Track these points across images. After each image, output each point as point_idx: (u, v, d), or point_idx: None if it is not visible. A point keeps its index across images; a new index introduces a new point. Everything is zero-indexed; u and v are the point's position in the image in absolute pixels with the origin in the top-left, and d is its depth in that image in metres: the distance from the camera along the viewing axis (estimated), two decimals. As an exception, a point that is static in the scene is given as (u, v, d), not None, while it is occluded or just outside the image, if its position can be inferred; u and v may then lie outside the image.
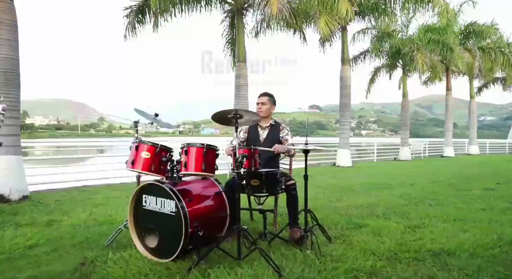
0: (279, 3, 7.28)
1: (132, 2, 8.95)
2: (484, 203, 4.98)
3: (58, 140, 45.79)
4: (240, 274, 2.35)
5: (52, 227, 3.85)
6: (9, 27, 5.63)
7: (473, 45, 17.44)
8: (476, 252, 2.82)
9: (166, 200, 2.69)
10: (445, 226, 3.66)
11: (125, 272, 2.44)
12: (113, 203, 5.34)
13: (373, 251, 2.86)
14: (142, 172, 2.95)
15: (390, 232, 3.44)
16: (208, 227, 2.79)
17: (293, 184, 3.23)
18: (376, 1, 12.04)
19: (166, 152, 2.96)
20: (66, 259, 2.79)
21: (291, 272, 2.40)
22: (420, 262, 2.65)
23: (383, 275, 2.39)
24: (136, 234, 2.89)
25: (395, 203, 5.03)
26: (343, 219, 3.97)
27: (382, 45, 15.65)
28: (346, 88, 12.61)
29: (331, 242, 3.10)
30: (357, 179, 8.11)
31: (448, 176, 8.56)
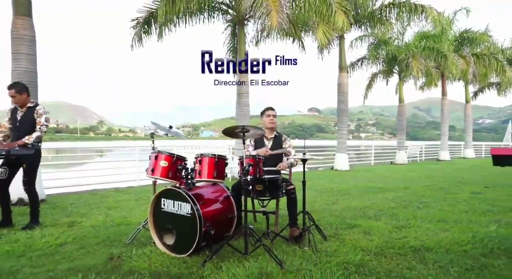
0: (278, 16, 7.70)
1: (139, 14, 9.38)
2: (468, 205, 5.40)
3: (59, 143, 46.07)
4: (247, 267, 2.76)
5: (74, 228, 4.25)
6: (29, 43, 6.07)
7: (468, 52, 17.90)
8: (451, 248, 3.24)
9: (183, 203, 3.10)
10: (428, 226, 4.08)
11: (149, 265, 2.86)
12: (125, 206, 5.75)
13: (362, 248, 3.27)
14: (160, 178, 3.36)
15: (379, 231, 3.86)
16: (218, 226, 3.20)
17: (293, 189, 3.65)
18: (372, 11, 12.52)
19: (181, 160, 3.38)
20: (94, 254, 3.20)
21: (291, 265, 2.81)
22: (402, 256, 3.07)
23: (369, 267, 2.80)
24: (155, 233, 3.30)
25: (387, 206, 5.44)
26: (337, 220, 4.39)
27: (378, 52, 16.15)
28: (344, 95, 13.07)
29: (326, 240, 3.51)
30: (353, 183, 8.53)
31: (440, 180, 8.98)
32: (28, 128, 4.26)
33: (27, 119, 4.34)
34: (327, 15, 8.68)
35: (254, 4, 7.90)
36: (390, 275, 2.64)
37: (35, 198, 4.42)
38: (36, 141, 4.23)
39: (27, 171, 4.31)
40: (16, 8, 6.02)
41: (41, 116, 4.34)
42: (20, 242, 3.60)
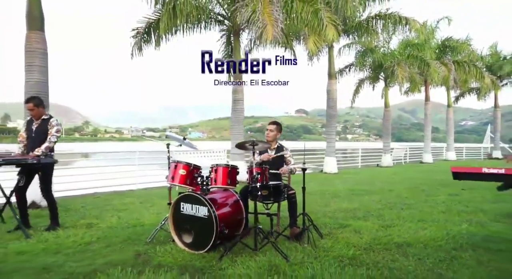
0: (274, 30, 8.23)
1: (139, 24, 9.79)
2: (445, 206, 6.03)
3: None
4: (258, 260, 3.27)
5: (93, 229, 4.69)
6: (41, 56, 6.46)
7: (449, 59, 18.80)
8: (428, 243, 3.82)
9: (200, 207, 3.59)
10: (410, 225, 4.66)
11: (174, 259, 3.34)
12: (134, 209, 6.19)
13: (354, 244, 3.81)
14: (180, 185, 3.85)
15: (368, 230, 4.42)
16: (230, 226, 3.71)
17: (293, 193, 4.17)
18: (359, 21, 13.20)
19: (197, 169, 3.88)
20: (122, 251, 3.66)
21: (295, 259, 3.34)
22: (387, 251, 3.63)
23: (360, 259, 3.35)
24: (175, 232, 3.78)
25: (374, 207, 6.03)
26: (331, 221, 4.94)
27: (365, 60, 16.85)
28: (333, 101, 13.71)
29: (322, 238, 4.05)
30: (342, 186, 9.11)
31: (422, 183, 9.66)
32: (42, 139, 4.64)
33: (41, 131, 4.70)
34: (318, 29, 9.24)
35: (250, 19, 8.41)
36: (378, 266, 3.18)
37: (53, 202, 4.82)
38: (46, 151, 4.61)
39: (42, 178, 4.68)
40: (30, 24, 6.41)
41: (52, 128, 4.73)
42: (50, 241, 4.03)
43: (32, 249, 3.73)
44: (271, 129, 4.47)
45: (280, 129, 4.56)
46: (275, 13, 8.42)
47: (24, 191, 4.72)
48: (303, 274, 2.97)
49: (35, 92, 6.32)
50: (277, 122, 4.57)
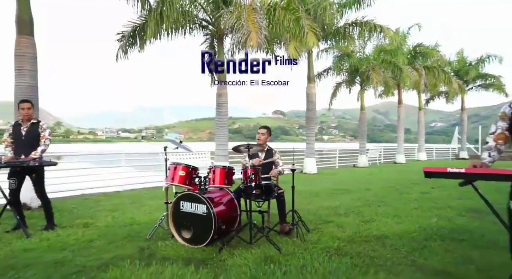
0: (258, 37, 8.61)
1: (124, 28, 9.92)
2: (417, 203, 6.57)
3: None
4: (254, 252, 3.62)
5: (91, 228, 4.90)
6: (31, 60, 6.57)
7: (420, 65, 19.80)
8: (403, 236, 4.29)
9: (199, 205, 3.90)
10: (387, 220, 5.13)
11: (177, 253, 3.65)
12: (125, 209, 6.39)
13: (338, 237, 4.23)
14: (179, 185, 4.14)
15: (349, 225, 4.86)
16: (227, 223, 4.04)
17: (282, 192, 4.55)
18: (337, 28, 13.79)
19: (195, 170, 4.19)
20: (125, 247, 3.92)
21: (286, 250, 3.71)
22: (367, 242, 4.06)
23: (344, 250, 3.76)
24: (175, 229, 4.07)
25: (353, 205, 6.49)
26: (315, 217, 5.35)
27: (342, 64, 17.55)
28: (312, 104, 14.24)
29: (309, 232, 4.44)
30: (322, 185, 9.59)
31: (396, 182, 10.27)
32: (35, 143, 4.79)
33: (33, 134, 4.82)
34: (300, 36, 9.69)
35: (235, 26, 8.75)
36: (360, 255, 3.60)
37: (48, 202, 4.98)
38: (42, 154, 4.80)
39: (36, 180, 4.84)
40: (20, 28, 6.50)
41: (45, 131, 4.90)
42: (52, 239, 4.22)
43: (37, 246, 3.93)
44: (262, 133, 4.84)
45: (270, 133, 4.94)
46: (259, 21, 8.80)
47: (17, 193, 4.83)
48: (295, 263, 3.34)
49: (26, 96, 6.40)
50: (267, 127, 4.96)
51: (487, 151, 2.60)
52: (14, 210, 4.60)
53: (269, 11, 9.81)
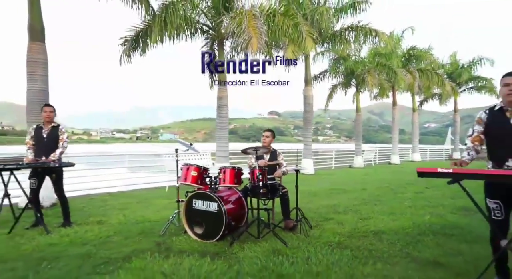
0: (258, 42, 8.94)
1: (127, 33, 10.21)
2: (412, 202, 6.93)
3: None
4: (262, 246, 3.94)
5: (105, 225, 5.19)
6: (43, 65, 6.85)
7: (414, 68, 20.26)
8: (398, 231, 4.64)
9: (211, 203, 4.22)
10: (383, 218, 5.48)
11: (191, 246, 3.96)
12: (134, 208, 6.69)
13: (338, 233, 4.56)
14: (191, 185, 4.46)
15: (348, 222, 5.20)
16: (236, 219, 4.36)
17: (286, 192, 4.88)
18: (333, 32, 14.17)
19: (206, 170, 4.51)
20: (141, 242, 4.22)
21: (292, 244, 4.04)
22: (366, 237, 4.40)
23: (345, 244, 4.10)
24: (187, 225, 4.39)
25: (351, 204, 6.84)
26: (316, 215, 5.69)
27: (338, 67, 17.95)
28: (309, 106, 14.60)
29: (311, 229, 4.78)
30: (320, 185, 9.94)
31: (391, 182, 10.65)
32: (54, 145, 5.10)
33: (53, 137, 5.14)
34: (298, 41, 10.04)
35: (236, 31, 9.07)
36: (359, 249, 3.93)
37: (66, 201, 5.28)
38: (60, 155, 5.11)
39: (56, 180, 5.15)
40: (32, 35, 6.77)
41: (63, 134, 5.21)
42: (72, 235, 4.51)
43: (60, 242, 4.23)
44: (267, 136, 5.17)
45: (274, 135, 5.28)
46: (259, 27, 9.14)
47: (37, 192, 5.13)
48: (301, 255, 3.67)
49: (38, 100, 6.71)
50: (271, 130, 5.30)
51: (466, 151, 2.96)
52: (34, 208, 4.88)
53: (269, 17, 10.14)
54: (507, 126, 2.71)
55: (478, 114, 2.96)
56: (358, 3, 14.04)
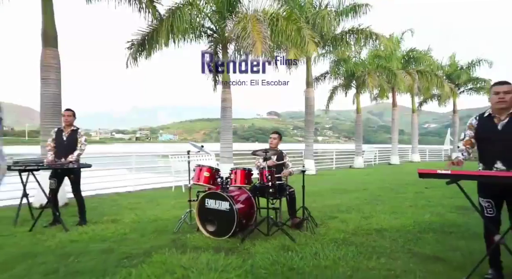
0: (262, 46, 9.20)
1: (134, 36, 10.45)
2: (412, 201, 7.19)
3: (15, 147, 44.13)
4: (272, 242, 4.19)
5: (120, 223, 5.42)
6: (56, 70, 7.09)
7: (413, 69, 20.54)
8: (400, 229, 4.89)
9: (223, 202, 4.47)
10: (385, 216, 5.73)
11: (205, 243, 4.21)
12: (144, 207, 6.92)
13: (343, 230, 4.82)
14: (204, 185, 4.71)
15: (352, 220, 5.45)
16: (246, 218, 4.61)
17: (293, 191, 5.14)
18: (334, 35, 14.43)
19: (218, 171, 4.76)
20: (157, 239, 4.47)
21: (299, 241, 4.29)
22: (369, 235, 4.65)
23: (350, 240, 4.35)
24: (200, 223, 4.63)
25: (354, 203, 7.09)
26: (320, 214, 5.94)
27: (339, 69, 18.21)
28: (311, 108, 14.87)
29: (317, 226, 5.02)
30: (322, 185, 10.19)
31: (391, 182, 10.91)
32: (73, 148, 5.37)
33: (72, 140, 5.41)
34: (301, 45, 10.30)
35: (241, 35, 9.33)
36: (363, 245, 4.18)
37: (82, 201, 5.53)
38: (78, 157, 5.36)
39: (75, 180, 5.41)
40: (45, 41, 7.02)
41: (81, 137, 5.47)
42: (90, 233, 4.76)
43: (80, 239, 4.47)
44: (274, 138, 5.43)
45: (281, 137, 5.54)
46: (263, 31, 9.39)
47: (56, 192, 5.38)
48: (309, 250, 3.91)
49: (51, 103, 6.97)
50: (278, 132, 5.56)
51: (459, 152, 3.24)
52: (52, 207, 5.13)
53: (272, 21, 10.39)
54: (495, 131, 2.98)
55: (469, 120, 3.24)
56: (359, 7, 14.28)
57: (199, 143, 5.67)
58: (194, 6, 10.07)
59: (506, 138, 2.94)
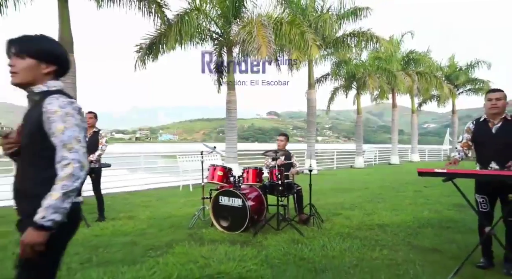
0: (267, 50, 9.54)
1: (142, 40, 10.78)
2: (412, 199, 7.53)
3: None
4: (282, 236, 4.53)
5: (136, 219, 5.76)
6: (72, 75, 7.41)
7: (413, 71, 20.89)
8: (401, 224, 5.23)
9: (236, 199, 4.80)
10: (386, 213, 6.07)
11: (220, 236, 4.54)
12: (156, 205, 7.26)
13: (347, 226, 5.15)
14: (218, 183, 5.04)
15: (355, 217, 5.79)
16: (257, 214, 4.95)
17: (300, 189, 5.48)
18: (335, 38, 14.78)
19: (230, 171, 5.09)
20: (175, 233, 4.80)
21: (307, 235, 4.62)
22: (372, 230, 4.99)
23: (354, 235, 4.68)
24: (214, 218, 4.97)
25: (356, 201, 7.43)
26: (325, 211, 6.27)
27: (340, 70, 18.56)
28: (312, 109, 15.20)
29: (323, 222, 5.36)
30: (325, 185, 10.53)
31: (392, 182, 11.25)
32: (95, 148, 5.69)
33: (94, 141, 5.73)
34: (304, 49, 10.64)
35: (246, 39, 9.66)
36: (367, 238, 4.52)
37: (101, 199, 5.86)
38: (98, 158, 5.69)
39: (96, 179, 5.74)
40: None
41: (102, 139, 5.80)
42: (111, 228, 5.08)
43: (103, 233, 4.80)
44: (281, 140, 5.77)
45: (288, 139, 5.88)
46: (268, 35, 9.73)
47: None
48: (317, 243, 4.25)
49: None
50: (286, 134, 5.90)
51: (457, 152, 3.59)
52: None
53: (276, 25, 10.73)
54: (490, 135, 3.33)
55: (467, 124, 3.59)
56: (359, 10, 14.62)
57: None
58: (201, 11, 10.40)
59: (499, 142, 3.30)
